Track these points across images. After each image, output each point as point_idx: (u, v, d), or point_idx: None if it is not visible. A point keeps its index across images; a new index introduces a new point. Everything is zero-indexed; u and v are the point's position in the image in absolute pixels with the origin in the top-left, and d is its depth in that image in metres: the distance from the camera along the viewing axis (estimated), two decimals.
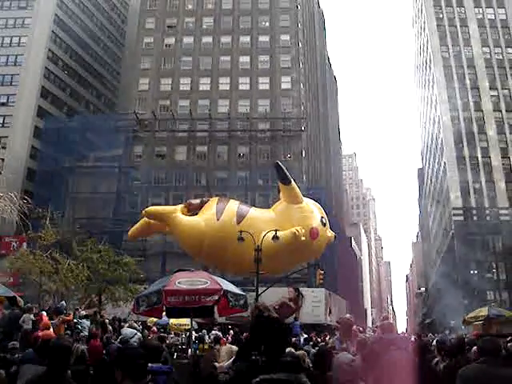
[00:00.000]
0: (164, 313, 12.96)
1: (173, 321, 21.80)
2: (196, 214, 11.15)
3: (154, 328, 21.55)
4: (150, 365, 5.46)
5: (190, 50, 61.18)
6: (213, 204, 10.53)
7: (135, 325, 15.29)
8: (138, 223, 10.34)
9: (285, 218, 10.67)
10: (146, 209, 9.68)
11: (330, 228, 17.96)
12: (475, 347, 7.28)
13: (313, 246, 10.75)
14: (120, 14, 79.40)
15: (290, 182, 10.51)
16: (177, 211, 10.10)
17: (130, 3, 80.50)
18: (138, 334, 14.25)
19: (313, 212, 10.95)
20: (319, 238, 10.69)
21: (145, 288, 12.36)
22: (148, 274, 35.41)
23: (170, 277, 11.21)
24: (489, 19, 69.57)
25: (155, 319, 20.79)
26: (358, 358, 5.95)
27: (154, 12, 63.55)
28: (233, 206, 10.36)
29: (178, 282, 10.70)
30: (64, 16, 65.84)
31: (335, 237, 11.99)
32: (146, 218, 10.51)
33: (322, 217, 11.14)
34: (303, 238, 9.90)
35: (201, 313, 12.43)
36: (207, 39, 61.89)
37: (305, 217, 10.57)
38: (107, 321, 15.91)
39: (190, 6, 64.30)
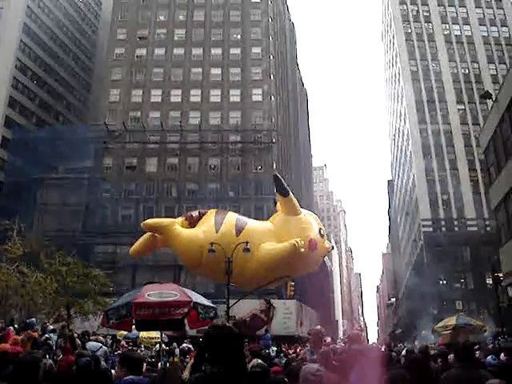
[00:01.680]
0: (134, 326, 12.84)
1: (143, 334, 21.61)
2: (193, 226, 11.16)
3: (123, 342, 21.30)
4: (131, 377, 5.44)
5: (162, 62, 61.11)
6: (211, 216, 10.53)
7: (101, 338, 15.03)
8: (142, 238, 10.23)
9: (283, 230, 10.71)
10: (145, 221, 9.62)
11: None
12: (451, 355, 7.74)
13: (312, 258, 10.83)
14: (91, 25, 78.95)
15: (289, 193, 10.60)
16: (175, 223, 10.08)
17: (101, 14, 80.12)
18: (104, 347, 14.03)
19: (311, 223, 11.03)
20: (318, 249, 10.79)
21: (114, 301, 12.22)
22: (118, 286, 35.10)
23: (140, 289, 11.14)
24: (455, 35, 71.25)
25: (125, 332, 20.58)
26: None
27: (125, 23, 63.36)
28: (231, 217, 10.38)
29: (148, 295, 10.65)
30: (33, 25, 65.09)
31: (332, 247, 12.15)
32: (150, 233, 10.40)
33: (320, 228, 11.24)
34: (303, 250, 9.97)
35: (171, 326, 12.36)
36: (179, 51, 61.89)
37: (303, 228, 10.63)
38: (76, 335, 15.64)
39: (161, 18, 64.31)
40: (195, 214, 10.62)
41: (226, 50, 61.83)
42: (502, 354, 13.71)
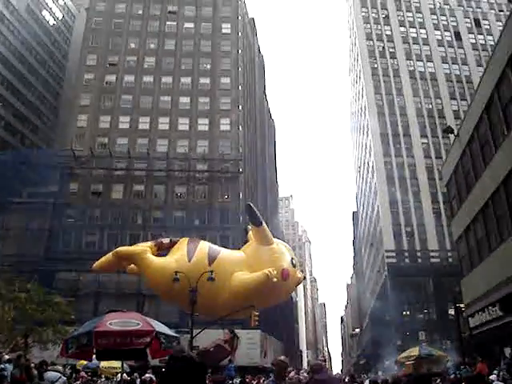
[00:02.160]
0: (94, 355, 12.60)
1: (103, 363, 21.12)
2: (164, 254, 11.00)
3: (83, 372, 20.77)
4: None
5: (131, 89, 61.13)
6: (184, 244, 10.42)
7: (59, 368, 14.60)
8: (107, 256, 10.09)
9: (256, 259, 10.66)
10: (117, 249, 9.48)
11: None
12: None
13: (284, 288, 10.80)
14: (61, 49, 78.61)
15: (262, 223, 10.61)
16: (147, 252, 9.96)
17: (71, 39, 79.96)
18: (63, 377, 13.68)
19: (283, 253, 11.02)
20: (290, 278, 10.78)
21: (75, 329, 11.98)
22: (80, 314, 34.31)
23: (102, 317, 10.98)
24: (419, 72, 73.41)
25: (85, 362, 20.08)
26: None
27: (95, 49, 63.38)
28: (204, 246, 10.31)
29: (110, 323, 10.51)
30: (1, 47, 64.50)
31: (304, 277, 12.17)
32: (113, 252, 10.32)
33: (292, 258, 11.25)
34: (275, 279, 9.95)
35: (133, 355, 12.17)
36: (148, 78, 62.06)
37: (276, 258, 10.61)
38: (32, 365, 15.17)
39: (132, 45, 64.59)
40: (166, 240, 10.57)
41: (195, 79, 62.29)
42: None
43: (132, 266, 10.39)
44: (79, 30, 72.94)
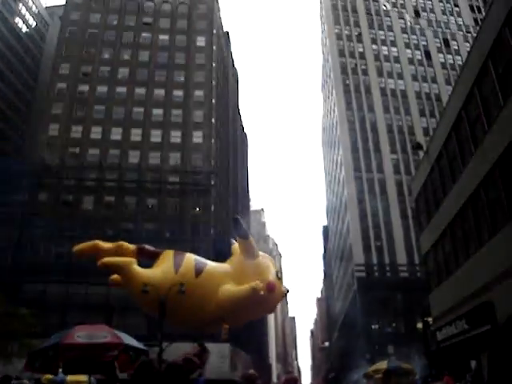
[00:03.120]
0: (60, 369, 12.38)
1: (70, 378, 20.71)
2: (147, 263, 10.93)
3: None
4: None
5: (104, 99, 60.75)
6: (169, 256, 10.32)
7: (26, 382, 14.31)
8: (87, 244, 10.01)
9: (242, 273, 10.62)
10: (102, 260, 9.35)
11: None
12: None
13: (270, 301, 10.78)
14: (33, 57, 77.58)
15: (248, 236, 10.61)
16: (133, 263, 9.84)
17: (44, 47, 79.08)
18: None
19: (269, 266, 11.03)
20: (276, 292, 10.78)
21: (41, 342, 11.80)
22: (46, 327, 33.68)
23: (69, 330, 10.82)
24: (390, 89, 74.68)
25: (50, 376, 19.64)
26: None
27: (69, 58, 62.90)
28: (190, 258, 10.22)
29: (77, 336, 10.37)
30: None
31: (288, 290, 12.17)
32: (96, 242, 10.16)
33: (277, 271, 11.26)
34: (262, 293, 9.94)
35: (100, 369, 12.01)
36: (121, 89, 61.78)
37: (262, 271, 10.59)
38: None
39: (106, 56, 64.28)
40: (149, 248, 10.50)
41: (169, 91, 62.24)
42: None
43: (115, 276, 10.29)
44: (52, 38, 72.25)
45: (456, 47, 79.40)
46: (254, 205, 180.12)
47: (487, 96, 19.02)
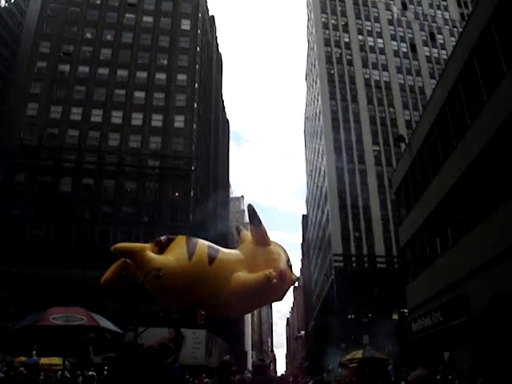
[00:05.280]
0: (34, 352, 12.21)
1: (43, 360, 20.49)
2: (162, 252, 10.67)
3: (22, 368, 20.04)
4: None
5: (85, 80, 59.76)
6: (181, 243, 10.10)
7: None
8: (114, 266, 9.61)
9: (254, 260, 10.52)
10: (115, 246, 9.08)
11: None
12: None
13: (280, 289, 10.71)
14: (13, 34, 75.93)
15: (262, 224, 10.46)
16: (146, 249, 9.61)
17: (24, 24, 77.39)
18: (0, 373, 13.24)
19: (280, 254, 10.93)
20: (287, 280, 10.72)
21: (14, 324, 11.57)
22: (21, 309, 33.33)
23: (44, 312, 10.65)
24: (374, 80, 74.80)
25: (24, 358, 19.39)
26: None
27: (49, 36, 61.67)
28: (203, 245, 10.05)
29: (53, 318, 10.22)
30: None
31: (298, 279, 12.09)
32: (123, 259, 9.81)
33: (288, 259, 11.19)
34: (275, 281, 9.86)
35: (75, 352, 11.86)
36: (103, 70, 60.85)
37: (274, 259, 10.49)
38: None
39: (88, 35, 63.17)
40: (164, 238, 10.32)
41: (151, 74, 61.49)
42: None
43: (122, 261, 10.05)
44: (33, 15, 70.63)
45: (442, 41, 79.73)
46: (235, 191, 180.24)
47: (471, 91, 19.07)
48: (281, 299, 12.07)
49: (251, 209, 10.33)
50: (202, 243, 10.28)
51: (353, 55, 76.88)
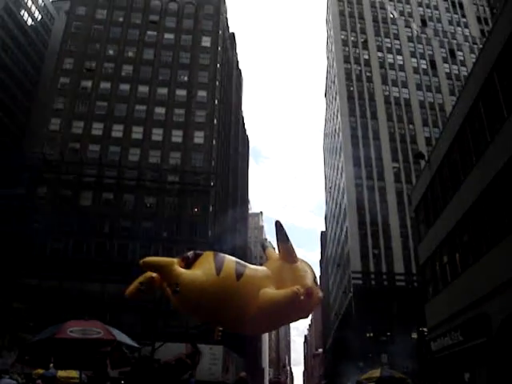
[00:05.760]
0: (52, 364, 12.25)
1: (61, 373, 20.55)
2: (189, 267, 10.74)
3: (39, 381, 20.10)
4: None
5: (106, 96, 60.67)
6: (209, 258, 10.17)
7: (16, 376, 14.17)
8: (140, 278, 9.74)
9: (281, 277, 10.54)
10: (144, 259, 9.18)
11: None
12: None
13: (307, 306, 10.70)
14: (38, 51, 77.30)
15: (289, 240, 10.51)
16: (174, 263, 9.70)
17: (49, 41, 78.87)
18: None
19: (307, 271, 10.95)
20: (313, 297, 10.69)
21: (34, 336, 11.68)
22: (40, 322, 33.52)
23: (62, 324, 10.71)
24: (394, 97, 74.63)
25: (41, 371, 19.47)
26: None
27: (73, 53, 62.88)
28: (231, 261, 10.11)
29: (70, 331, 10.27)
30: None
31: (324, 296, 12.06)
32: (149, 272, 9.91)
33: (315, 276, 11.19)
34: (302, 298, 9.86)
35: (92, 365, 11.89)
36: (124, 86, 61.70)
37: (301, 276, 10.49)
38: None
39: (110, 52, 64.25)
40: (191, 254, 10.40)
41: (172, 90, 62.16)
42: None
43: (148, 274, 10.09)
44: (58, 33, 72.04)
45: (462, 58, 79.41)
46: (253, 207, 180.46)
47: (491, 108, 18.92)
48: (307, 316, 12.01)
49: (279, 225, 10.35)
50: (230, 259, 10.32)
51: (372, 72, 76.87)
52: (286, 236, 10.38)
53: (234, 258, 10.39)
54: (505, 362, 16.40)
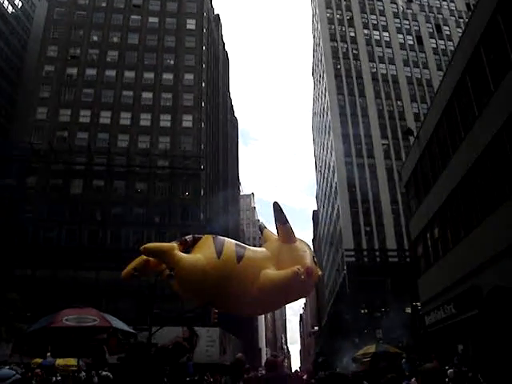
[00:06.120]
0: (49, 353, 12.30)
1: (59, 361, 20.66)
2: (188, 251, 10.75)
3: (38, 370, 20.20)
4: None
5: (92, 82, 60.10)
6: (209, 241, 10.18)
7: (15, 367, 14.22)
8: (134, 262, 9.76)
9: (281, 257, 10.58)
10: (145, 245, 9.17)
11: None
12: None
13: (307, 285, 10.77)
14: (20, 39, 76.26)
15: (288, 221, 10.55)
16: (175, 248, 9.70)
17: (31, 29, 77.78)
18: (17, 375, 13.29)
19: (306, 251, 10.99)
20: (313, 276, 10.76)
21: (30, 326, 11.72)
22: (35, 311, 33.57)
23: (56, 314, 10.73)
24: (381, 74, 74.43)
25: (40, 360, 19.58)
26: None
27: (56, 40, 62.07)
28: (230, 243, 10.12)
29: (66, 319, 10.29)
30: None
31: (323, 275, 12.23)
32: (143, 256, 9.90)
33: (313, 256, 11.23)
34: (303, 277, 9.92)
35: (89, 352, 11.96)
36: (110, 72, 61.14)
37: (300, 256, 10.52)
38: None
39: (94, 38, 63.47)
40: (189, 238, 10.42)
41: (158, 74, 61.69)
42: (413, 379, 14.40)
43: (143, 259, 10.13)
44: (40, 20, 71.07)
45: (448, 32, 79.16)
46: (244, 189, 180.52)
47: (478, 82, 18.98)
48: (307, 295, 12.18)
49: (277, 206, 10.41)
50: (230, 242, 10.38)
51: (359, 49, 76.52)
52: (285, 217, 10.46)
53: (233, 241, 10.46)
54: (492, 332, 16.67)
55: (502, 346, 14.83)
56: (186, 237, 10.63)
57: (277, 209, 10.13)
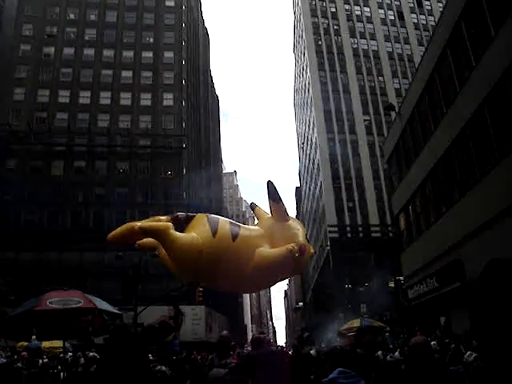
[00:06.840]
0: (34, 336, 12.27)
1: (45, 344, 20.63)
2: (181, 230, 10.70)
3: (24, 353, 20.15)
4: None
5: (71, 62, 59.12)
6: (203, 220, 10.11)
7: (0, 351, 14.23)
8: (121, 227, 9.67)
9: (274, 235, 10.55)
10: (140, 225, 9.08)
11: None
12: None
13: (301, 262, 10.81)
14: None
15: (281, 199, 10.51)
16: (170, 227, 9.62)
17: (4, 6, 75.85)
18: (2, 359, 13.35)
19: (299, 229, 10.99)
20: (306, 253, 10.80)
21: (12, 311, 11.68)
22: (20, 295, 33.39)
23: (40, 297, 10.69)
24: (362, 49, 74.19)
25: (25, 343, 19.52)
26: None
27: (31, 18, 60.73)
28: (224, 222, 10.07)
29: (50, 302, 10.27)
30: None
31: (315, 252, 12.23)
32: (131, 224, 9.80)
33: (306, 233, 11.26)
34: (297, 255, 9.94)
35: (75, 334, 11.95)
36: (89, 51, 60.15)
37: (294, 234, 10.51)
38: None
39: (71, 16, 62.25)
40: (182, 215, 10.37)
41: (137, 52, 60.87)
42: (397, 352, 14.61)
43: (145, 240, 10.04)
44: None
45: (429, 7, 78.88)
46: (227, 167, 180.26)
47: (459, 57, 18.99)
48: (300, 272, 12.33)
49: (271, 185, 10.39)
50: (223, 220, 10.35)
51: (340, 25, 76.07)
52: (278, 195, 10.46)
53: (227, 219, 10.44)
54: (484, 306, 16.93)
55: (501, 318, 15.06)
56: (179, 213, 10.60)
57: (271, 187, 10.14)
